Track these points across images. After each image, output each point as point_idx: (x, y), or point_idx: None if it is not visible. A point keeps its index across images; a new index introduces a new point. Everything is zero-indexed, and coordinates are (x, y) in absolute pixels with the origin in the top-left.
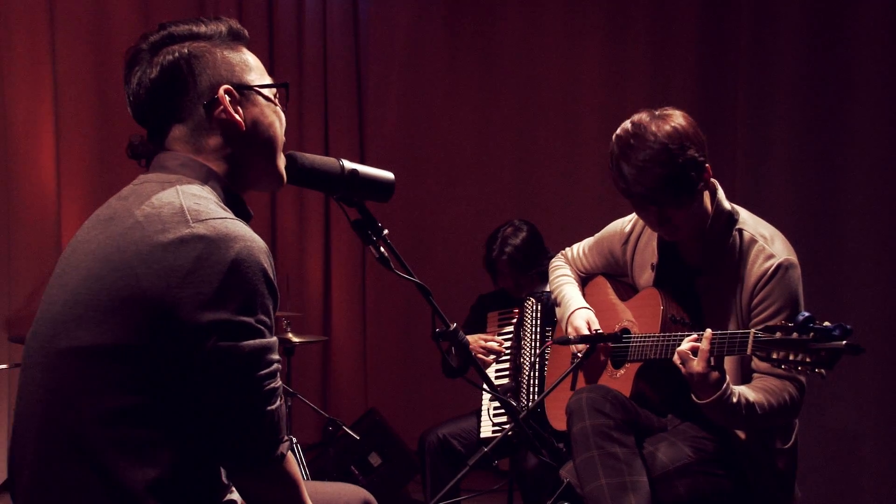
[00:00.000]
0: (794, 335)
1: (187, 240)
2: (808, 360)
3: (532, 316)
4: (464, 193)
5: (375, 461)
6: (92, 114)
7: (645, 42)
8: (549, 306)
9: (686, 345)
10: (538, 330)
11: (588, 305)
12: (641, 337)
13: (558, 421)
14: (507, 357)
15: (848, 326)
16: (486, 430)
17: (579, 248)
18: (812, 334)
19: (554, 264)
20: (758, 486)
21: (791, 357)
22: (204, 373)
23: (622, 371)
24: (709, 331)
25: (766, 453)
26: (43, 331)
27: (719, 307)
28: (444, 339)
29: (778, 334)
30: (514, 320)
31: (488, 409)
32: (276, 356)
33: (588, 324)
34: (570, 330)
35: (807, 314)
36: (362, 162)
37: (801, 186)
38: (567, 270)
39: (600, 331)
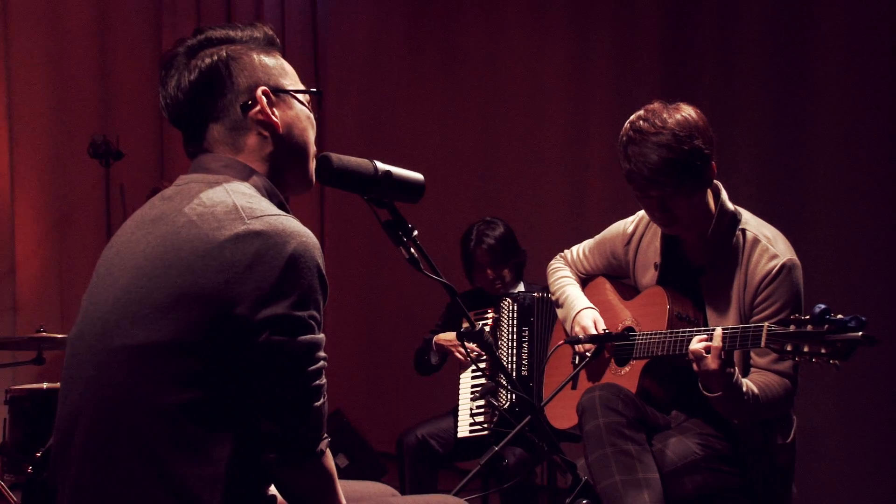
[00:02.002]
0: (809, 327)
1: (244, 236)
2: (823, 351)
3: (509, 316)
4: (427, 195)
5: (342, 463)
6: (47, 113)
7: (608, 44)
8: (526, 307)
9: (699, 344)
10: (515, 330)
11: (593, 305)
12: (648, 334)
13: (558, 420)
14: (483, 357)
15: (863, 318)
16: (464, 430)
17: (579, 250)
18: (827, 326)
19: (553, 266)
20: (760, 482)
21: (805, 349)
22: (255, 366)
23: (627, 368)
24: (719, 329)
25: (768, 449)
26: (91, 330)
27: (722, 305)
28: (469, 339)
29: (792, 327)
30: (490, 320)
31: (470, 409)
32: (323, 353)
33: (595, 323)
34: (577, 329)
35: (823, 306)
36: None
37: (764, 186)
38: (567, 272)
39: (607, 330)
